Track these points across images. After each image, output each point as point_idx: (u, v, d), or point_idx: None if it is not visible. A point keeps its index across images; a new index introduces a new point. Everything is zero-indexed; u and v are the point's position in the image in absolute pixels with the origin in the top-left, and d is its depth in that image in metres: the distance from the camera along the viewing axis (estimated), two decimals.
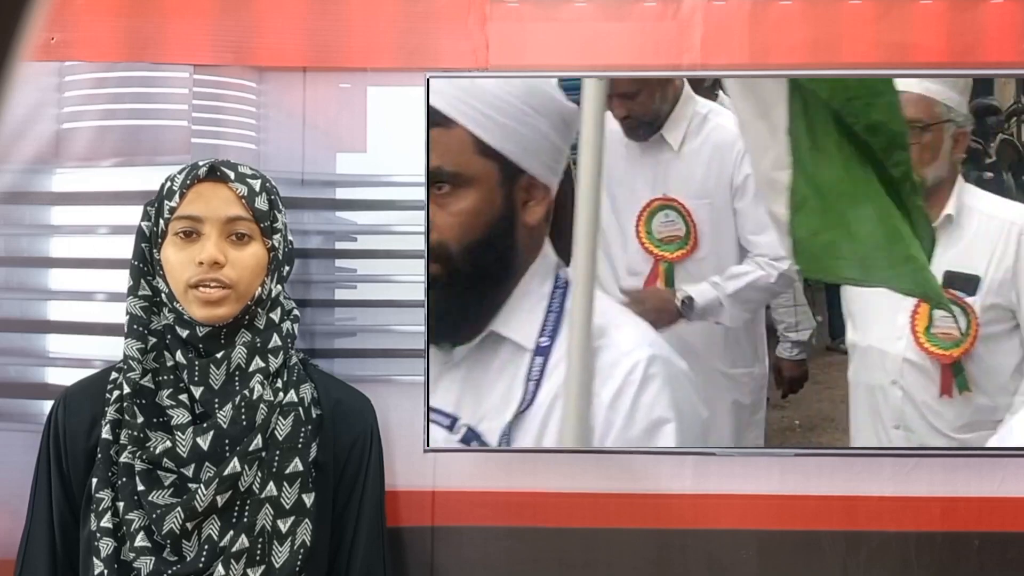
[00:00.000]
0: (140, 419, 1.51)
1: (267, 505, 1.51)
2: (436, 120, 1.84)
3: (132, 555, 1.47)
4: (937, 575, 1.95)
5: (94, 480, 1.52)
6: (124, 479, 1.49)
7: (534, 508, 1.97)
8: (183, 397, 1.53)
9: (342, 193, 2.00)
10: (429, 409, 1.89)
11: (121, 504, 1.49)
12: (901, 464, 1.95)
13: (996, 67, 1.92)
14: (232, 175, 1.55)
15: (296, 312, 1.66)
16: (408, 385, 1.93)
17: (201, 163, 1.57)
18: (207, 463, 1.49)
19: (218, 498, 1.48)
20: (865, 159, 1.82)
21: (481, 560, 1.97)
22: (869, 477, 1.95)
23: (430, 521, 1.96)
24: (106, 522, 1.49)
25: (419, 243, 1.90)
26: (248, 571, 1.49)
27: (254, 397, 1.52)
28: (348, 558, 1.61)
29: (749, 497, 1.96)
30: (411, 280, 1.93)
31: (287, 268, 1.64)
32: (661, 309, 1.90)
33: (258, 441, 1.51)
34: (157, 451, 1.49)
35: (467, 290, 1.86)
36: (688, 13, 1.97)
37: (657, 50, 1.97)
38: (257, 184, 1.57)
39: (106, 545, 1.48)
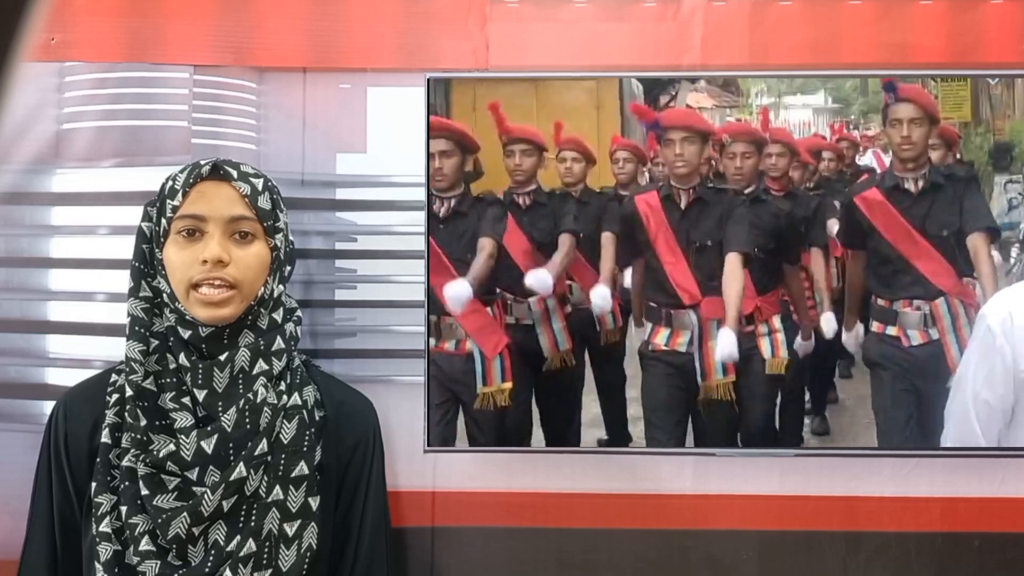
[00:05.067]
0: (143, 422, 1.51)
1: (274, 509, 1.50)
2: None
3: (136, 559, 1.46)
4: (937, 575, 1.95)
5: (93, 484, 1.51)
6: (127, 483, 1.49)
7: (534, 508, 1.97)
8: (186, 400, 1.52)
9: (342, 193, 2.00)
10: (429, 409, 1.89)
11: (124, 508, 1.48)
12: (901, 464, 1.95)
13: (996, 67, 1.92)
14: (235, 174, 1.55)
15: (299, 313, 1.66)
16: (408, 385, 1.93)
17: (203, 162, 1.56)
18: (211, 467, 1.49)
19: (224, 503, 1.47)
20: None
21: (481, 560, 1.97)
22: (869, 477, 1.96)
23: (430, 521, 1.96)
24: (105, 527, 1.48)
25: (419, 243, 1.90)
26: (255, 575, 1.49)
27: (258, 400, 1.52)
28: (352, 559, 1.61)
29: (749, 497, 1.96)
30: (411, 280, 1.93)
31: (289, 268, 1.64)
32: None
33: (263, 445, 1.50)
34: (160, 454, 1.49)
35: None
36: (688, 13, 1.97)
37: (657, 50, 1.97)
38: (260, 183, 1.57)
39: (105, 550, 1.47)
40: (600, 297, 1.80)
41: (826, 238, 1.80)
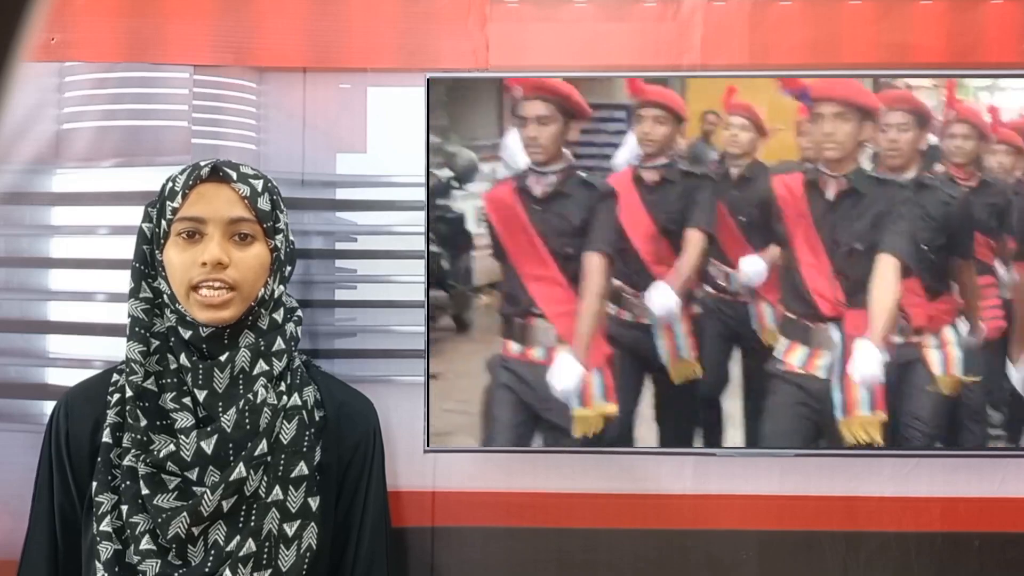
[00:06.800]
0: (143, 422, 1.51)
1: (273, 509, 1.51)
2: None
3: (137, 558, 1.47)
4: (937, 575, 1.95)
5: (94, 484, 1.51)
6: (128, 482, 1.49)
7: (534, 508, 1.97)
8: (186, 400, 1.52)
9: (342, 193, 2.00)
10: (429, 409, 1.89)
11: (125, 507, 1.49)
12: (901, 464, 1.95)
13: (996, 67, 1.92)
14: (235, 175, 1.55)
15: (299, 313, 1.66)
16: (408, 385, 1.93)
17: (203, 163, 1.57)
18: (211, 467, 1.49)
19: (224, 503, 1.48)
20: None
21: (481, 560, 1.97)
22: (869, 477, 1.96)
23: (430, 521, 1.96)
24: (106, 526, 1.49)
25: (419, 243, 1.90)
26: (255, 575, 1.49)
27: (258, 401, 1.52)
28: (352, 559, 1.61)
29: (749, 497, 1.96)
30: (411, 280, 1.93)
31: (289, 268, 1.64)
32: None
33: (263, 446, 1.50)
34: (161, 455, 1.49)
35: None
36: (688, 13, 1.97)
37: (657, 50, 1.97)
38: (259, 184, 1.57)
39: (106, 549, 1.48)
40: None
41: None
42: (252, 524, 1.49)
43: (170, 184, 1.57)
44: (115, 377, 1.58)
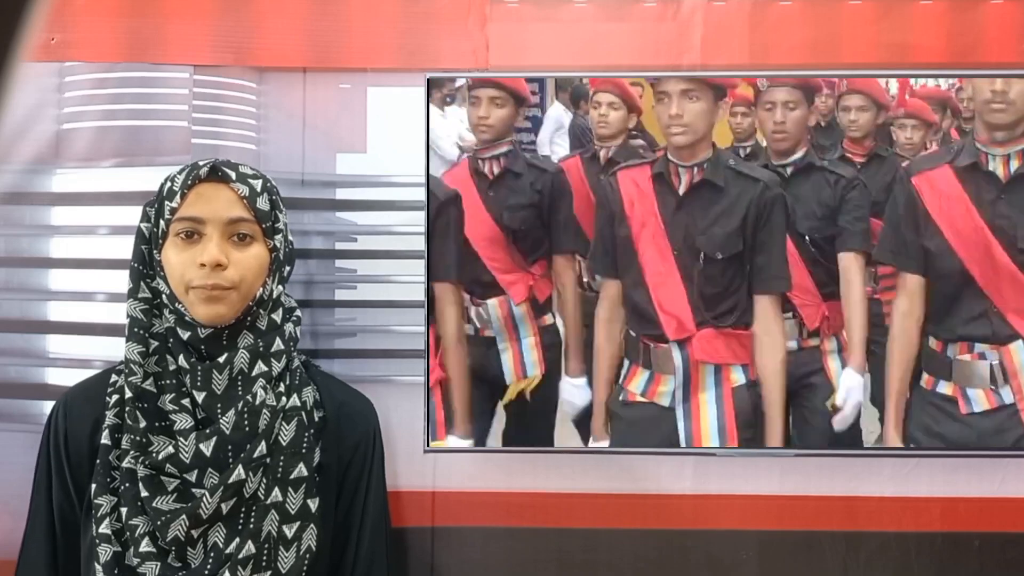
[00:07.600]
0: (142, 423, 1.51)
1: (273, 511, 1.51)
2: None
3: (137, 560, 1.46)
4: (937, 575, 1.95)
5: (93, 486, 1.51)
6: (127, 484, 1.49)
7: (534, 508, 1.97)
8: (185, 402, 1.52)
9: (342, 193, 2.00)
10: (429, 409, 1.89)
11: (124, 509, 1.48)
12: (901, 464, 1.95)
13: (996, 67, 1.92)
14: (233, 175, 1.55)
15: (298, 313, 1.66)
16: (408, 385, 1.93)
17: (202, 163, 1.56)
18: (210, 469, 1.49)
19: (223, 505, 1.48)
20: None
21: (481, 560, 1.97)
22: (869, 477, 1.96)
23: (430, 521, 1.96)
24: (105, 528, 1.48)
25: (419, 243, 1.90)
26: None
27: (257, 402, 1.52)
28: (352, 559, 1.61)
29: (749, 497, 1.96)
30: (411, 280, 1.93)
31: (288, 268, 1.64)
32: None
33: (262, 447, 1.50)
34: (160, 456, 1.49)
35: None
36: (688, 13, 1.97)
37: (657, 50, 1.97)
38: (258, 184, 1.57)
39: (105, 551, 1.48)
40: None
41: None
42: (251, 526, 1.49)
43: (168, 184, 1.56)
44: (114, 378, 1.58)
